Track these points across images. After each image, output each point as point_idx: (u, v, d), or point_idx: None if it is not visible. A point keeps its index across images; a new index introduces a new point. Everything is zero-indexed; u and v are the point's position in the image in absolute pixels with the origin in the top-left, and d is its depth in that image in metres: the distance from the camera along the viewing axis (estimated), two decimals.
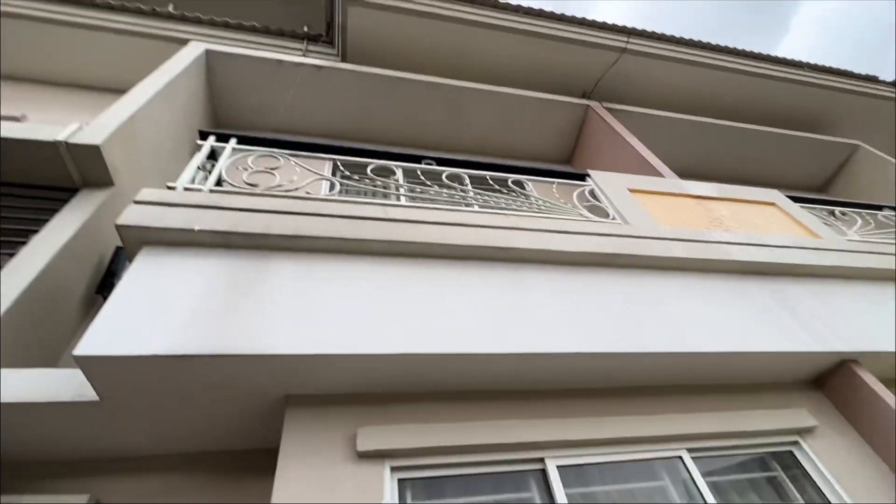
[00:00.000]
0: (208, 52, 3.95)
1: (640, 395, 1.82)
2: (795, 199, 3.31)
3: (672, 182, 3.16)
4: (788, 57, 5.64)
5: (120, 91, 4.01)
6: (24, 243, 1.93)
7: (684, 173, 5.24)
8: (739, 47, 5.44)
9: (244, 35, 4.63)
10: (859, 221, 3.24)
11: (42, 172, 2.26)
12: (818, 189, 6.19)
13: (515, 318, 1.71)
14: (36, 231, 2.00)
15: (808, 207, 3.28)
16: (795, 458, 1.81)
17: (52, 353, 1.99)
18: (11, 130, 2.21)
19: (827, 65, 5.77)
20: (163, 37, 4.22)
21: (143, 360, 1.30)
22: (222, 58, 4.03)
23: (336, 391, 1.56)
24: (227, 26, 4.62)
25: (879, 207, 3.68)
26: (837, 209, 3.43)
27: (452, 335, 1.56)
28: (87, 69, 4.24)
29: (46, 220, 2.07)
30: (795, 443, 1.84)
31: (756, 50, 5.50)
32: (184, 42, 4.13)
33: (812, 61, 5.77)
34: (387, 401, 1.59)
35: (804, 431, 1.86)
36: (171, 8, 6.05)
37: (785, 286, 2.26)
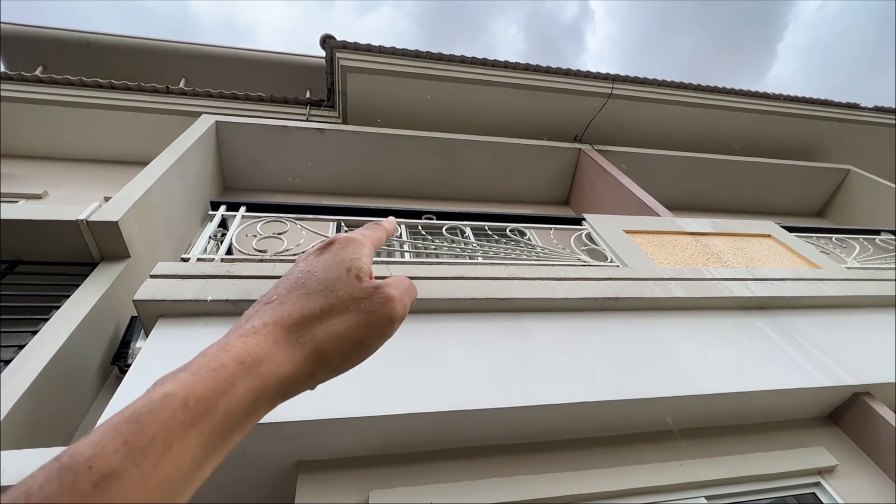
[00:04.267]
0: (218, 124, 4.21)
1: (652, 441, 1.80)
2: (791, 229, 3.37)
3: (667, 220, 3.24)
4: (770, 91, 5.89)
5: (137, 163, 4.26)
6: (46, 320, 2.02)
7: (681, 209, 5.36)
8: (721, 85, 5.70)
9: (251, 105, 4.94)
10: (857, 248, 3.27)
11: (63, 249, 2.39)
12: (817, 214, 6.25)
13: (520, 369, 1.73)
14: (57, 307, 2.10)
15: (804, 236, 3.33)
16: (819, 500, 1.76)
17: (68, 426, 2.02)
18: (35, 212, 2.36)
19: (808, 95, 6.00)
20: (176, 111, 4.52)
21: None
22: (231, 127, 4.29)
23: (346, 455, 1.57)
24: (235, 98, 4.95)
25: (877, 232, 3.72)
26: (834, 236, 3.47)
27: (457, 391, 1.59)
28: (106, 145, 4.52)
29: (67, 296, 2.16)
30: (817, 484, 1.80)
31: (746, 80, 5.87)
32: (196, 115, 4.42)
33: (802, 86, 6.16)
34: (398, 462, 1.59)
35: (825, 471, 1.82)
36: (182, 84, 6.51)
37: (788, 320, 2.27)
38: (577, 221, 3.03)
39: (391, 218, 0.51)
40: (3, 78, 4.48)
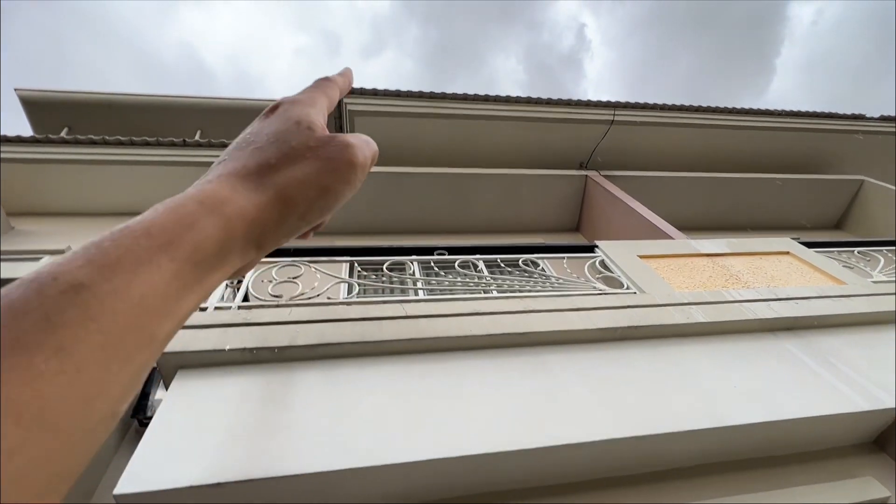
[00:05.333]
0: None
1: (686, 478, 1.71)
2: (810, 245, 3.30)
3: (681, 243, 3.20)
4: (771, 107, 5.92)
5: None
6: None
7: (694, 229, 5.30)
8: (722, 104, 5.76)
9: None
10: (882, 260, 3.18)
11: None
12: (835, 227, 6.14)
13: (542, 406, 1.69)
14: None
15: (825, 251, 3.25)
16: None
17: (89, 483, 2.00)
18: None
19: (812, 107, 6.04)
20: (193, 163, 4.70)
21: (179, 491, 1.32)
22: None
23: None
24: None
25: None
26: (857, 249, 3.39)
27: (479, 434, 1.55)
28: (128, 198, 4.70)
29: None
30: None
31: (748, 96, 5.99)
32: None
33: (805, 98, 6.19)
34: None
35: None
36: (198, 136, 6.78)
37: (817, 340, 2.19)
38: (590, 249, 3.01)
39: (347, 68, 0.47)
40: (31, 141, 4.73)
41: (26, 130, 7.39)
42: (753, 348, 2.11)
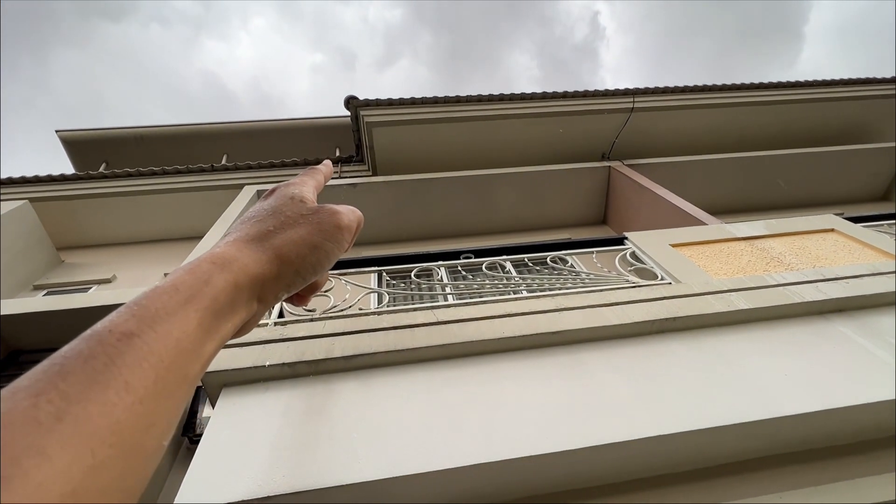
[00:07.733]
0: (259, 192, 4.49)
1: (740, 473, 1.64)
2: (856, 220, 3.13)
3: (715, 228, 3.09)
4: (802, 78, 5.65)
5: (193, 237, 4.57)
6: None
7: (729, 213, 5.11)
8: (749, 79, 5.53)
9: (287, 170, 5.26)
10: None
11: None
12: (882, 198, 5.78)
13: (582, 405, 1.65)
14: None
15: (874, 226, 3.07)
16: None
17: (146, 501, 2.09)
18: (108, 298, 2.57)
19: (848, 74, 5.72)
20: (222, 186, 4.88)
21: None
22: None
23: None
24: (272, 166, 5.30)
25: None
26: None
27: (518, 436, 1.53)
28: (164, 225, 4.91)
29: None
30: None
31: (777, 68, 5.70)
32: (239, 187, 4.75)
33: (840, 65, 5.93)
34: None
35: None
36: (225, 160, 7.02)
37: (873, 321, 2.06)
38: (619, 241, 2.94)
39: (326, 161, 0.55)
40: (73, 179, 5.02)
41: (68, 168, 7.85)
42: (803, 333, 2.01)
